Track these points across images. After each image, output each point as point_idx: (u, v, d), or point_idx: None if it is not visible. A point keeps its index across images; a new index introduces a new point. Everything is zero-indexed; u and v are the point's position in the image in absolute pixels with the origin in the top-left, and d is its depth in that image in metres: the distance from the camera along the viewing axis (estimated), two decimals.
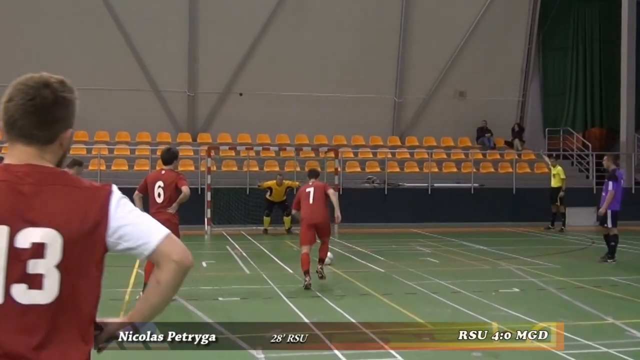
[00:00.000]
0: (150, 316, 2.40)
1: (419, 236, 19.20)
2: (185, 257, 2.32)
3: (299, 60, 25.50)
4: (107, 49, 24.26)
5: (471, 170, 24.20)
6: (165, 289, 2.32)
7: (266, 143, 24.19)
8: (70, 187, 2.21)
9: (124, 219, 2.26)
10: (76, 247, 2.16)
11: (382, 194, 23.01)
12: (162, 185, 9.65)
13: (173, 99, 25.17)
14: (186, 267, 2.32)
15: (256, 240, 17.87)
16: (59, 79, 2.34)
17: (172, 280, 2.30)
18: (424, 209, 22.77)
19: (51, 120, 2.30)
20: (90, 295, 2.25)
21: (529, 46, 27.69)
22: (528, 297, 10.36)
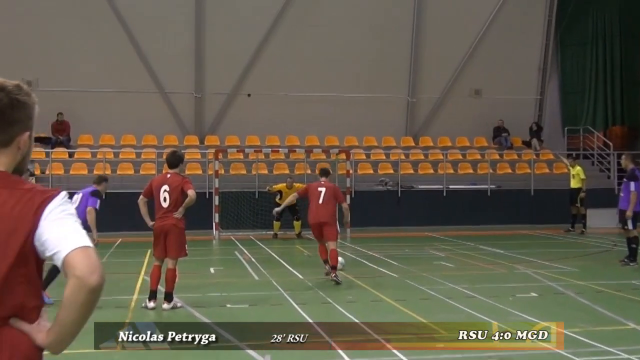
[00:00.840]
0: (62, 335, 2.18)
1: (433, 240, 19.18)
2: (88, 275, 2.13)
3: (309, 60, 25.54)
4: (112, 50, 24.39)
5: (487, 171, 24.14)
6: (68, 307, 2.15)
7: (275, 145, 24.24)
8: (10, 189, 2.25)
9: (50, 226, 2.20)
10: None
11: (395, 196, 22.99)
12: (167, 189, 9.70)
13: (180, 100, 25.27)
14: (88, 287, 2.12)
15: (265, 245, 17.90)
16: (14, 83, 2.37)
17: (72, 297, 2.13)
18: (439, 212, 22.75)
19: (7, 123, 2.31)
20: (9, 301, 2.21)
21: (546, 42, 27.59)
22: (546, 301, 10.33)
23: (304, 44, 25.54)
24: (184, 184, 9.69)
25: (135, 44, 24.57)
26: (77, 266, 2.13)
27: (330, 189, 12.35)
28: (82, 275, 2.12)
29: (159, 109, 24.96)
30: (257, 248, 17.48)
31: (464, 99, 26.98)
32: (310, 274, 12.87)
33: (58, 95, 23.97)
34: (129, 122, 24.40)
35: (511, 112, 26.75)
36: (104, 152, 22.63)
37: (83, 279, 2.12)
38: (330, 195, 12.26)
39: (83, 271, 2.12)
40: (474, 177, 24.35)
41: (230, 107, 25.59)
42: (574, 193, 20.95)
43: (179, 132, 25.18)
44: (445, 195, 23.21)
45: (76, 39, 24.23)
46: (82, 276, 2.12)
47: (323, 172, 12.84)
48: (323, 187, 12.38)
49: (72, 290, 2.13)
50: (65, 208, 2.27)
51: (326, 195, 12.24)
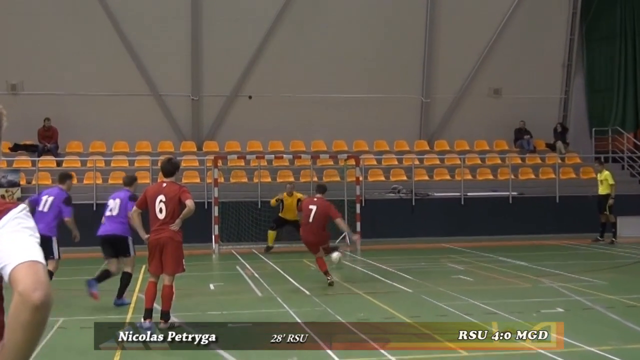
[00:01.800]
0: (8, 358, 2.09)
1: (450, 252, 19.16)
2: (31, 291, 2.07)
3: (315, 59, 25.61)
4: (102, 50, 24.49)
5: (509, 176, 24.12)
6: (10, 325, 2.09)
7: (279, 151, 24.28)
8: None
9: (1, 239, 2.20)
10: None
11: (409, 205, 23.00)
12: (164, 199, 9.71)
13: (175, 103, 25.34)
14: (31, 304, 2.06)
15: (269, 259, 17.90)
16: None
17: (14, 315, 2.07)
18: (456, 221, 22.76)
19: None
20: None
21: (571, 37, 27.58)
22: (573, 317, 10.30)
23: (310, 42, 25.59)
24: (182, 193, 9.69)
25: (127, 43, 24.66)
26: (20, 281, 2.09)
27: (321, 208, 13.30)
28: (24, 291, 2.07)
29: (153, 113, 25.03)
30: (260, 262, 17.48)
31: (482, 99, 26.98)
32: (317, 289, 12.88)
33: (45, 99, 24.10)
34: (121, 127, 24.48)
35: (534, 112, 26.74)
36: (95, 160, 22.71)
37: (25, 295, 2.07)
38: (320, 214, 13.29)
39: (26, 287, 2.08)
40: (494, 184, 24.33)
41: (230, 110, 25.65)
42: (602, 200, 20.90)
43: (175, 137, 25.24)
44: (463, 203, 23.20)
45: (64, 38, 24.34)
46: (24, 292, 2.07)
47: (319, 188, 13.83)
48: (314, 205, 13.38)
49: (15, 307, 2.08)
50: (21, 221, 2.27)
51: (316, 214, 13.29)
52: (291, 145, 25.09)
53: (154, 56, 24.79)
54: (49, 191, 12.40)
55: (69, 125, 24.16)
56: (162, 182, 10.03)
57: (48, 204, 12.02)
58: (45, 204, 12.04)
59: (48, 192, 12.34)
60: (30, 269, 2.12)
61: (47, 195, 12.20)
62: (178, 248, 9.78)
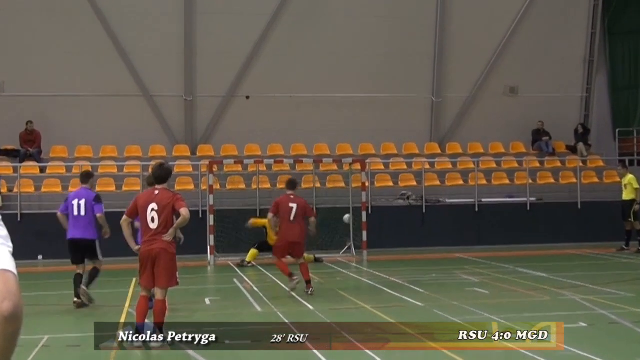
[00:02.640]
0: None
1: (464, 262, 19.13)
2: (0, 301, 2.08)
3: (317, 56, 25.64)
4: (89, 48, 24.52)
5: (526, 181, 24.11)
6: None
7: (279, 155, 24.30)
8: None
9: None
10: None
11: (419, 212, 23.00)
12: (156, 207, 9.69)
13: (167, 105, 25.35)
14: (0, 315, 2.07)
15: (269, 272, 17.83)
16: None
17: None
18: (470, 230, 22.78)
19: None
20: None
21: (592, 31, 27.58)
22: (597, 333, 10.27)
23: (311, 37, 25.63)
24: (176, 201, 9.67)
25: (116, 41, 24.69)
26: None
27: (301, 205, 13.81)
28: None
29: (143, 115, 25.05)
30: (259, 275, 17.45)
31: (497, 98, 26.99)
32: (321, 303, 12.84)
33: (27, 101, 24.12)
34: (109, 130, 24.49)
35: (553, 112, 26.75)
36: (81, 166, 22.67)
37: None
38: (301, 212, 13.76)
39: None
40: (511, 189, 24.32)
41: (226, 111, 25.68)
42: (627, 206, 20.86)
43: (167, 141, 25.26)
44: (478, 210, 23.20)
45: (48, 35, 24.37)
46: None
47: (292, 184, 14.15)
48: (294, 202, 13.76)
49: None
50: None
51: (297, 212, 13.71)
52: (292, 149, 25.10)
53: (144, 54, 24.82)
54: (77, 194, 12.93)
55: (53, 129, 24.16)
56: (154, 189, 10.01)
57: (82, 207, 12.63)
58: (79, 208, 12.59)
59: (76, 196, 12.87)
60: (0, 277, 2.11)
61: (76, 199, 12.73)
62: (171, 260, 9.76)
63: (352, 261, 19.87)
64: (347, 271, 18.02)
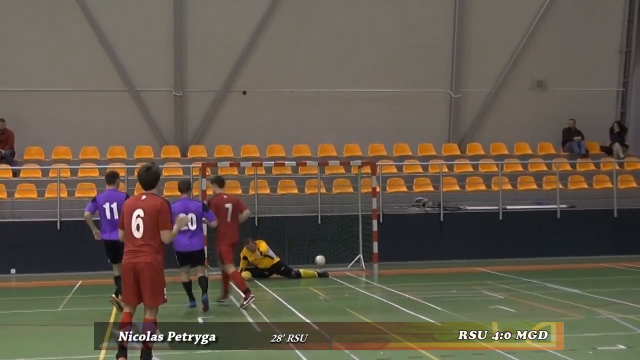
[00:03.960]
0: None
1: (487, 277, 19.09)
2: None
3: (322, 46, 25.65)
4: (68, 38, 24.51)
5: (556, 186, 24.05)
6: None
7: (280, 157, 24.29)
8: None
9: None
10: None
11: (436, 220, 22.96)
12: (141, 214, 9.67)
13: (155, 101, 25.32)
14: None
15: (269, 287, 17.81)
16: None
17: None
18: (494, 240, 22.73)
19: None
20: None
21: (629, 18, 27.53)
22: (637, 356, 10.23)
23: (316, 26, 25.65)
24: (161, 213, 9.62)
25: (97, 29, 24.67)
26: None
27: (236, 204, 14.74)
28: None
29: (128, 113, 25.04)
30: (258, 291, 17.34)
31: (523, 93, 26.96)
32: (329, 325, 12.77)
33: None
34: (90, 130, 24.47)
35: (585, 109, 26.71)
36: (59, 169, 22.65)
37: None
38: (236, 212, 14.67)
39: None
40: (539, 195, 24.30)
41: (221, 108, 25.68)
42: None
43: (155, 141, 25.25)
44: (502, 218, 23.15)
45: (21, 24, 24.39)
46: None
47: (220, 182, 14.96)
48: (229, 202, 14.65)
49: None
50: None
51: (233, 211, 14.61)
52: (294, 150, 25.11)
53: (129, 44, 24.80)
54: (106, 197, 13.65)
55: (27, 128, 24.14)
56: (140, 195, 10.00)
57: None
58: (112, 212, 13.41)
59: (107, 199, 13.60)
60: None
61: (107, 203, 13.51)
62: (158, 275, 9.68)
63: (361, 275, 19.84)
64: (355, 287, 17.96)
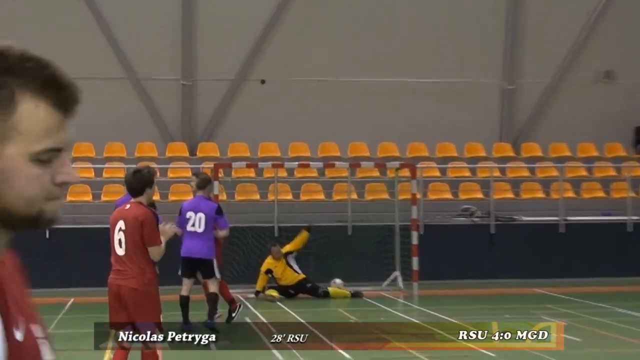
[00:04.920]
0: None
1: (546, 299, 19.07)
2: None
3: (353, 29, 25.61)
4: (62, 19, 24.58)
5: (626, 194, 23.97)
6: None
7: (304, 157, 24.24)
8: None
9: None
10: None
11: (486, 233, 22.94)
12: (123, 227, 9.52)
13: (160, 90, 25.36)
14: None
15: (290, 307, 17.81)
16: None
17: None
18: (554, 257, 22.60)
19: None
20: None
21: None
22: None
23: (347, 5, 25.65)
24: (144, 224, 9.47)
25: (96, 11, 24.77)
26: None
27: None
28: None
29: (128, 104, 25.08)
30: (278, 311, 17.46)
31: (588, 85, 26.88)
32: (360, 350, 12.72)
33: None
34: (85, 123, 24.42)
35: None
36: None
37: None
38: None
39: None
40: (606, 204, 24.20)
41: (235, 100, 25.73)
42: None
43: (159, 137, 25.30)
44: (564, 231, 23.10)
45: (11, 4, 24.46)
46: None
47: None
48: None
49: None
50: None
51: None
52: (320, 149, 25.13)
53: (131, 27, 24.86)
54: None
55: None
56: (125, 205, 9.93)
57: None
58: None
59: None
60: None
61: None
62: (147, 299, 9.48)
63: (399, 296, 19.94)
64: (392, 309, 18.02)
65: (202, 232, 14.23)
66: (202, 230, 14.24)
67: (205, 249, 14.38)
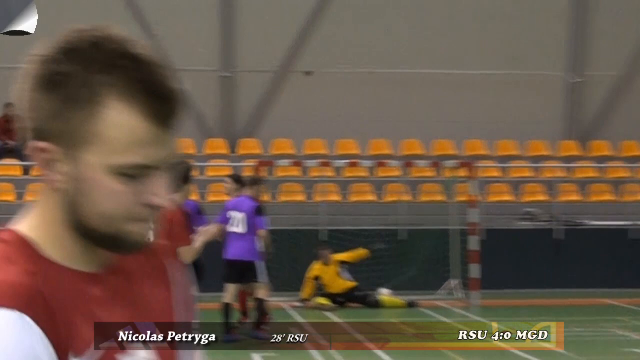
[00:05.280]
0: None
1: (618, 311, 19.11)
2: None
3: (408, 17, 25.62)
4: (91, 4, 24.57)
5: None
6: None
7: (353, 155, 24.14)
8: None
9: None
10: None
11: (550, 238, 22.87)
12: None
13: (197, 83, 25.13)
14: None
15: (342, 318, 17.73)
16: None
17: None
18: (627, 264, 22.44)
19: None
20: None
21: None
22: None
23: None
24: (173, 224, 9.40)
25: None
26: None
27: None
28: None
29: None
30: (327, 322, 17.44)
31: None
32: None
33: (4, 76, 24.12)
34: None
35: None
36: None
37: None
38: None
39: None
40: None
41: (279, 93, 25.78)
42: None
43: (197, 133, 25.24)
44: (636, 237, 22.94)
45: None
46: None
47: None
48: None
49: None
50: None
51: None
52: (370, 146, 25.06)
53: (166, 14, 25.03)
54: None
55: None
56: None
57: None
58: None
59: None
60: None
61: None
62: None
63: (457, 306, 19.88)
64: (450, 320, 18.01)
65: (243, 234, 14.39)
66: (243, 231, 14.40)
67: (248, 251, 14.51)
